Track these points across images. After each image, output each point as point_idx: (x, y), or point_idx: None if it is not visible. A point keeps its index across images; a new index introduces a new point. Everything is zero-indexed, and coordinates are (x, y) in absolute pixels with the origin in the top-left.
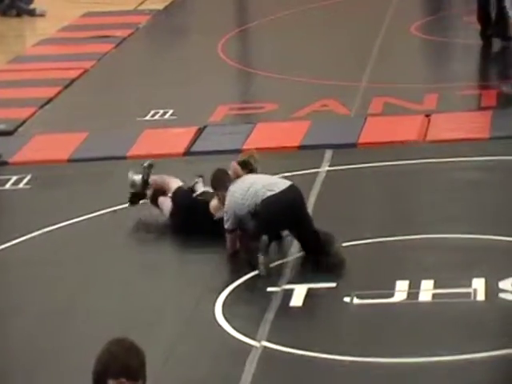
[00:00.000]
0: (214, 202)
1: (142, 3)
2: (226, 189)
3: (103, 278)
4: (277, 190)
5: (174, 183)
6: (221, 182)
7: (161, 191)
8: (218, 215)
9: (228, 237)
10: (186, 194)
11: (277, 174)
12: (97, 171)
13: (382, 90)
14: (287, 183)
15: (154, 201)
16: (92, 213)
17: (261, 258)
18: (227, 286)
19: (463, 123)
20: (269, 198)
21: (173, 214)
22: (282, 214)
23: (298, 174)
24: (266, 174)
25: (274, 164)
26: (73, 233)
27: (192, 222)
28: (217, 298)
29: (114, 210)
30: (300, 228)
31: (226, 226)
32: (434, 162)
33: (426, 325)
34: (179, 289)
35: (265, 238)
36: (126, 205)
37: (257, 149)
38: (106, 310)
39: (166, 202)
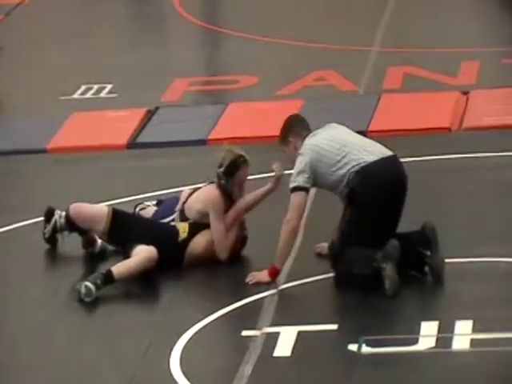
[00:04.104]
0: (201, 239)
1: None
2: (300, 137)
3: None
4: (375, 156)
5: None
6: (296, 127)
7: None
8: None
9: (293, 200)
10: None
11: (254, 174)
12: (4, 170)
13: (401, 57)
14: (389, 152)
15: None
16: None
17: (389, 269)
18: (187, 328)
19: None
20: (370, 166)
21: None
22: (385, 194)
23: (287, 173)
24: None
25: (253, 161)
26: None
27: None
28: (173, 345)
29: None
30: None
31: (293, 184)
32: (473, 157)
33: (461, 383)
34: (118, 332)
35: (395, 241)
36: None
37: (228, 139)
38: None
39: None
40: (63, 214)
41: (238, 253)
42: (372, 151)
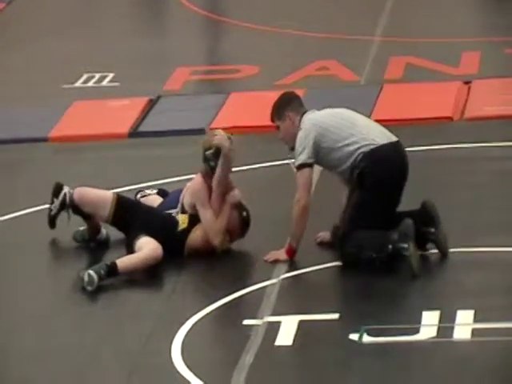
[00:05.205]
0: (198, 233)
1: None
2: (298, 113)
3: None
4: (384, 140)
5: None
6: (294, 102)
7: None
8: (194, 245)
9: (300, 179)
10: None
11: (255, 163)
12: (7, 159)
13: (403, 48)
14: (394, 137)
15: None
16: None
17: (411, 248)
18: (188, 318)
19: None
20: (380, 149)
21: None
22: (395, 177)
23: (287, 162)
24: (238, 165)
25: (253, 150)
26: None
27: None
28: (174, 335)
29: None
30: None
31: (298, 162)
32: (474, 147)
33: (462, 373)
34: (119, 322)
35: (409, 220)
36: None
37: (230, 128)
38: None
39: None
40: (72, 190)
41: (241, 236)
42: (379, 133)
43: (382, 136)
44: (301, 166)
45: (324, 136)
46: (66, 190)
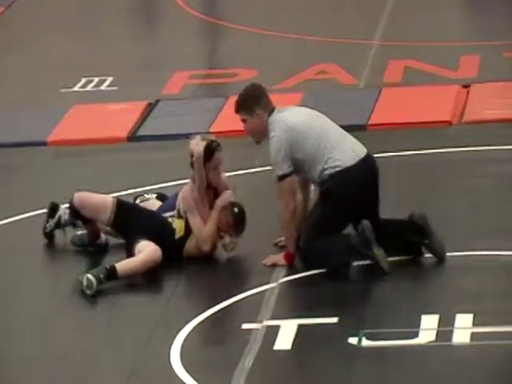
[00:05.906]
0: (193, 243)
1: None
2: (267, 110)
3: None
4: (352, 160)
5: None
6: (263, 98)
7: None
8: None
9: (284, 187)
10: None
11: (256, 167)
12: (5, 162)
13: (402, 51)
14: (363, 150)
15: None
16: None
17: (380, 253)
18: (187, 321)
19: None
20: (346, 171)
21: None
22: (360, 196)
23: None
24: (237, 169)
25: (253, 154)
26: None
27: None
28: (173, 339)
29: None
30: (372, 211)
31: (279, 173)
32: (473, 151)
33: (461, 376)
34: (118, 326)
35: (366, 222)
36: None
37: (229, 132)
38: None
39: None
40: (67, 210)
41: (240, 233)
42: (348, 150)
43: (351, 153)
44: (283, 177)
45: (295, 144)
46: (61, 211)
